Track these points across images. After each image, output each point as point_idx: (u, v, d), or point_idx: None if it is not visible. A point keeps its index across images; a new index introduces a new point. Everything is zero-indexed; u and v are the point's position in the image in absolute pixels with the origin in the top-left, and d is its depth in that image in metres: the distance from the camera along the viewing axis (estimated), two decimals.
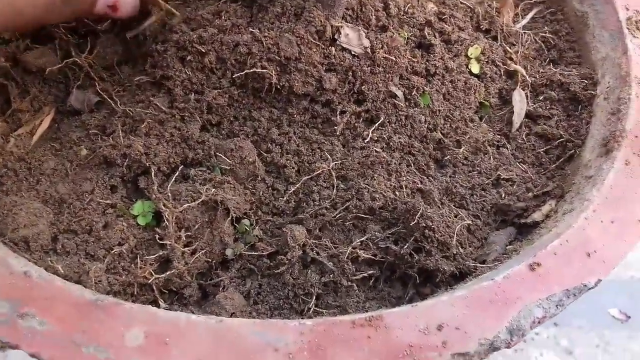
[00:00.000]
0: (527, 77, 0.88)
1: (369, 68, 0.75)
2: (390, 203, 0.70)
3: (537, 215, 0.73)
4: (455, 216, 0.71)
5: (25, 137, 0.72)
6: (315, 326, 0.54)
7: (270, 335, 0.53)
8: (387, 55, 0.75)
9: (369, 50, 0.75)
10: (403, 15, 0.83)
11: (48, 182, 0.68)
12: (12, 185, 0.67)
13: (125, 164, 0.69)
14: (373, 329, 0.54)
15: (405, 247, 0.67)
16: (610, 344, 1.27)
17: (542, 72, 0.89)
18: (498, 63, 0.88)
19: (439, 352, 0.53)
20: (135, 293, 0.62)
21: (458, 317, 0.56)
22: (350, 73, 0.74)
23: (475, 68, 0.87)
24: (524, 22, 0.97)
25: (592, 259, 0.61)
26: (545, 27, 0.96)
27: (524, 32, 0.94)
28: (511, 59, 0.91)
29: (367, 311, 0.63)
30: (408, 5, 0.84)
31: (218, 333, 0.52)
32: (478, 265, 0.67)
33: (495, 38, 0.92)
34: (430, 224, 0.66)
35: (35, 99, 0.76)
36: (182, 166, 0.71)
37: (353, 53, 0.74)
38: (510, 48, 0.91)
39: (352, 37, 0.74)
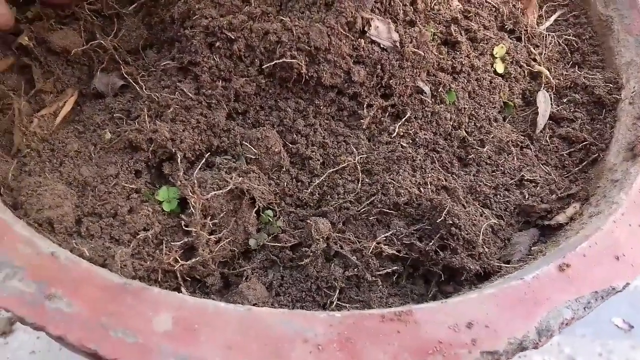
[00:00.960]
0: (551, 78, 0.88)
1: (398, 62, 0.74)
2: (415, 199, 0.70)
3: (561, 218, 0.73)
4: (481, 215, 0.70)
5: (48, 118, 0.71)
6: (345, 319, 0.53)
7: (299, 325, 0.52)
8: (415, 50, 0.75)
9: (398, 44, 0.74)
10: (430, 11, 0.83)
11: (72, 165, 0.67)
12: (34, 166, 0.66)
13: (151, 149, 0.68)
14: (403, 324, 0.53)
15: (431, 244, 0.66)
16: (613, 353, 1.27)
17: (565, 75, 0.89)
18: (522, 64, 0.88)
19: (469, 349, 0.53)
20: (159, 279, 0.61)
21: (487, 315, 0.55)
22: (379, 66, 0.74)
23: (499, 67, 0.86)
24: (548, 24, 0.97)
25: (621, 262, 0.61)
26: (569, 30, 0.96)
27: (548, 34, 0.94)
28: (535, 60, 0.90)
29: (390, 307, 0.62)
30: (434, 2, 0.84)
31: (247, 321, 0.51)
32: (503, 265, 0.67)
33: (519, 39, 0.92)
34: (457, 222, 0.66)
35: (59, 80, 0.75)
36: (207, 154, 0.70)
37: (382, 46, 0.74)
38: (534, 49, 0.91)
39: (381, 30, 0.74)
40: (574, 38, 0.94)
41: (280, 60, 0.70)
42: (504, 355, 0.54)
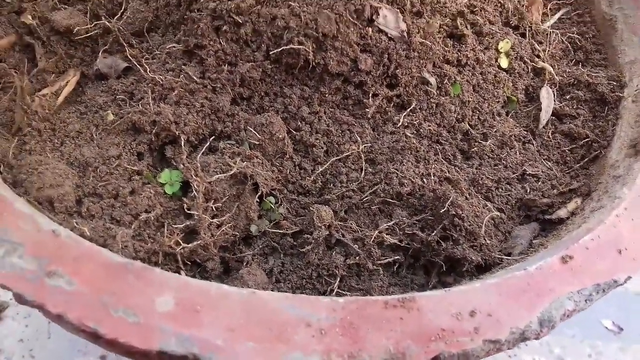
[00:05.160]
0: (554, 75, 0.88)
1: (405, 52, 0.74)
2: (418, 189, 0.69)
3: (562, 212, 0.73)
4: (484, 207, 0.70)
5: (50, 98, 0.70)
6: (348, 304, 0.52)
7: (303, 310, 0.51)
8: (423, 41, 0.74)
9: (405, 34, 0.74)
10: (436, 3, 0.82)
11: (73, 145, 0.67)
12: (35, 145, 0.66)
13: (154, 131, 0.67)
14: (406, 311, 0.53)
15: (433, 234, 0.66)
16: (602, 355, 1.27)
17: (569, 72, 0.89)
18: (526, 60, 0.88)
19: (471, 337, 0.52)
20: (160, 262, 0.61)
21: (490, 304, 0.55)
22: (386, 56, 0.73)
23: (504, 62, 0.86)
24: (552, 21, 0.97)
25: (623, 256, 0.61)
26: (573, 28, 0.96)
27: (552, 31, 0.94)
28: (539, 56, 0.90)
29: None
30: None
31: (250, 304, 0.51)
32: (504, 257, 0.67)
33: (523, 35, 0.91)
34: (460, 213, 0.66)
35: (61, 60, 0.74)
36: (211, 138, 0.69)
37: (390, 36, 0.73)
38: (538, 46, 0.91)
39: (389, 20, 0.73)
40: (577, 36, 0.94)
41: (288, 46, 0.69)
42: (506, 344, 0.54)
